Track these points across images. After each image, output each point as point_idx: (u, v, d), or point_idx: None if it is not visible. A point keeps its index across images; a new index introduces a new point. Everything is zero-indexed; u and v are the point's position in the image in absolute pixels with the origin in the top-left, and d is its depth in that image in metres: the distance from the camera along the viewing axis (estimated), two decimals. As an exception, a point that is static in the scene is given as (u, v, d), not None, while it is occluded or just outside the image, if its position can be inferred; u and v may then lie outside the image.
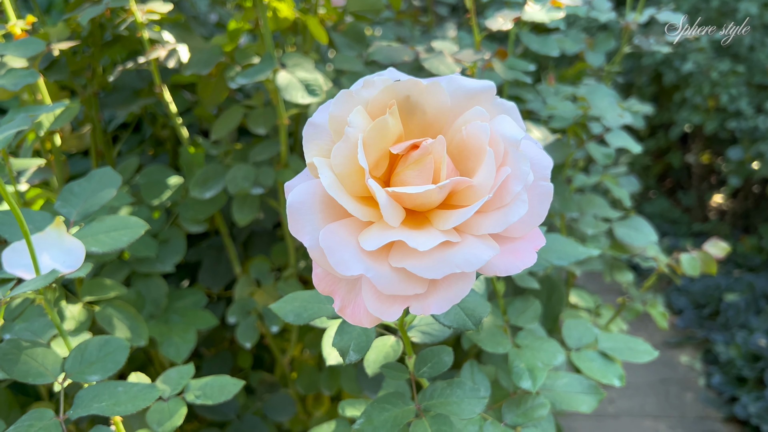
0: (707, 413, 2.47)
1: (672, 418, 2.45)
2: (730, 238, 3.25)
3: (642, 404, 2.53)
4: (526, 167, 0.34)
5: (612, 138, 0.89)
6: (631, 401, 2.54)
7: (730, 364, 2.58)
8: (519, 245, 0.35)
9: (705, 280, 2.99)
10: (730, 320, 2.79)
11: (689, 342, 2.79)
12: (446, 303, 0.34)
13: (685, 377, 2.64)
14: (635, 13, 1.14)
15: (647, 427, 2.43)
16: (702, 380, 2.59)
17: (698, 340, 2.78)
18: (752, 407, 2.36)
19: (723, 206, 3.50)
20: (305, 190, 0.35)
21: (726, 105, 2.84)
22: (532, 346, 0.61)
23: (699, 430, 2.41)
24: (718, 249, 0.89)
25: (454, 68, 0.72)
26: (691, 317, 2.85)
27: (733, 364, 2.57)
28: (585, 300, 1.05)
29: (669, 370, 2.68)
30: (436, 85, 0.36)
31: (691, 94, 2.93)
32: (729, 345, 2.64)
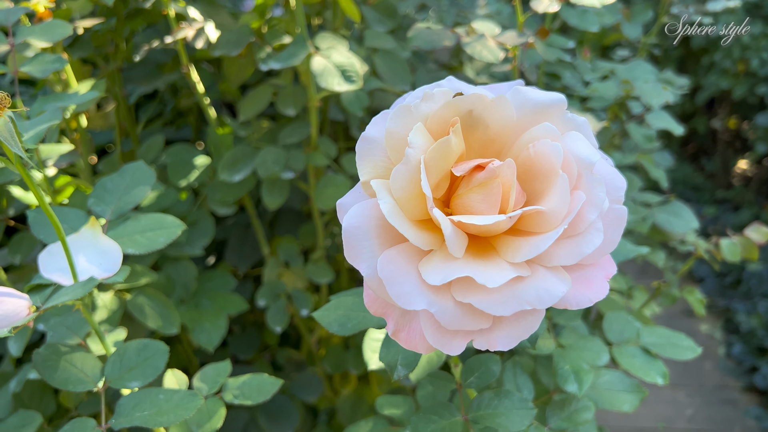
0: (726, 382, 2.47)
1: (691, 386, 2.45)
2: (755, 205, 3.18)
3: (660, 372, 2.53)
4: (602, 192, 0.31)
5: (653, 119, 0.86)
6: (648, 369, 2.54)
7: (751, 333, 2.56)
8: (590, 274, 0.33)
9: (727, 248, 2.95)
10: (752, 289, 2.76)
11: (710, 311, 2.76)
12: (514, 340, 0.32)
13: (705, 346, 2.62)
14: (678, -19, 1.08)
15: (666, 396, 2.44)
16: (722, 349, 2.58)
17: (719, 309, 2.76)
18: (772, 377, 2.35)
19: (747, 173, 3.42)
20: (361, 213, 0.33)
21: (756, 69, 2.74)
22: (576, 345, 0.59)
23: (717, 399, 2.41)
24: (761, 234, 0.86)
25: (498, 53, 0.68)
26: (712, 286, 2.83)
27: (754, 333, 2.55)
28: (617, 282, 1.03)
29: (688, 339, 2.67)
30: (503, 100, 0.33)
31: (720, 57, 2.83)
32: (750, 314, 2.61)
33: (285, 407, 0.99)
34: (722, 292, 2.81)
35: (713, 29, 2.79)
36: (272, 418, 0.97)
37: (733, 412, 2.36)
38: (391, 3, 0.86)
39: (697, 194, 3.35)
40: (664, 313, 2.80)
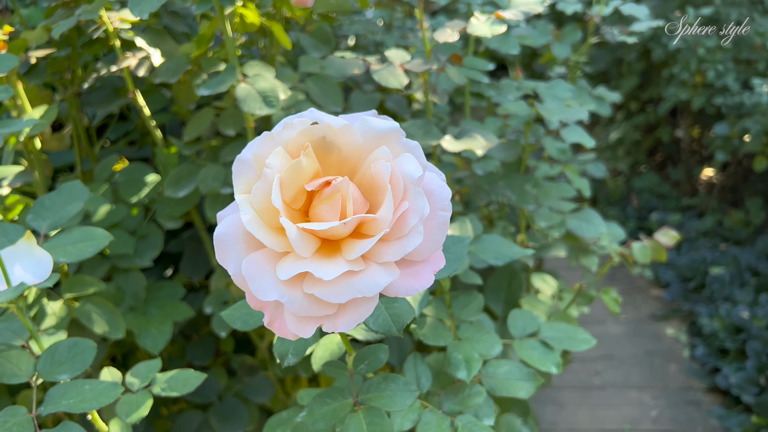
0: (690, 384, 2.55)
1: (656, 389, 2.53)
2: (718, 212, 3.29)
3: (627, 375, 2.61)
4: (423, 202, 0.39)
5: (567, 133, 0.94)
6: (616, 372, 2.62)
7: (713, 336, 2.64)
8: (419, 268, 0.40)
9: (691, 254, 3.04)
10: (715, 293, 2.85)
11: (675, 315, 2.85)
12: (353, 322, 0.39)
13: (670, 349, 2.71)
14: (599, 5, 1.17)
15: (632, 398, 2.51)
16: (686, 352, 2.66)
17: (684, 312, 2.85)
18: (733, 378, 2.43)
19: (712, 180, 3.53)
20: (231, 223, 0.40)
21: (713, 81, 2.85)
22: (472, 338, 0.66)
23: (681, 400, 2.49)
24: (669, 238, 0.94)
25: (402, 79, 0.76)
26: (677, 290, 2.91)
27: (717, 336, 2.63)
28: (549, 284, 1.11)
29: (655, 342, 2.75)
30: (348, 128, 0.41)
31: (679, 70, 2.94)
32: (713, 317, 2.70)
33: (237, 409, 1.06)
34: (686, 296, 2.89)
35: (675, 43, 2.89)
36: (224, 419, 1.03)
37: (697, 412, 2.44)
38: (326, 30, 0.94)
39: (664, 202, 3.45)
40: (632, 319, 2.89)
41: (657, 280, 3.06)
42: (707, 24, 2.95)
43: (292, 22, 1.08)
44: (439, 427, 0.58)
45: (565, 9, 1.18)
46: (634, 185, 3.52)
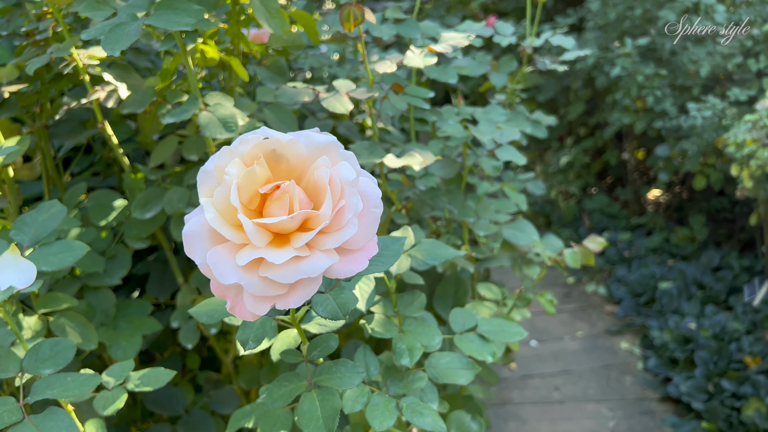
0: (645, 394, 2.66)
1: (613, 401, 2.64)
2: (665, 229, 3.46)
3: (585, 389, 2.71)
4: (357, 200, 0.47)
5: (501, 153, 1.04)
6: (575, 387, 2.72)
7: (664, 347, 2.77)
8: (356, 255, 0.49)
9: (641, 270, 3.19)
10: (664, 307, 2.98)
11: (628, 329, 2.98)
12: (301, 299, 0.47)
13: (625, 362, 2.83)
14: (530, 38, 1.29)
15: (590, 411, 2.61)
16: (640, 364, 2.78)
17: (636, 326, 2.98)
18: (683, 386, 2.55)
19: (658, 200, 3.72)
20: (197, 222, 0.48)
21: (652, 106, 3.04)
22: (415, 331, 0.75)
23: (637, 411, 2.60)
24: (596, 244, 1.05)
25: (348, 105, 0.85)
26: (629, 305, 3.04)
27: (667, 347, 2.76)
28: (493, 292, 1.20)
29: (610, 356, 2.87)
30: (293, 141, 0.49)
31: (621, 96, 3.13)
32: (663, 330, 2.83)
33: (204, 420, 1.11)
34: (638, 310, 3.02)
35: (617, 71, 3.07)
36: (191, 430, 1.09)
37: (652, 421, 2.55)
38: (281, 64, 1.03)
39: (614, 222, 3.62)
40: (588, 334, 3.01)
41: (610, 296, 3.19)
42: (644, 54, 3.16)
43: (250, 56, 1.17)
44: (386, 408, 0.66)
45: (501, 42, 1.30)
46: (585, 206, 3.68)
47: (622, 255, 3.36)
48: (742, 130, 2.47)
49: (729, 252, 3.23)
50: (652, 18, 3.10)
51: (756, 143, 2.45)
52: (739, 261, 3.15)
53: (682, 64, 3.05)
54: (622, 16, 3.19)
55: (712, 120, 2.77)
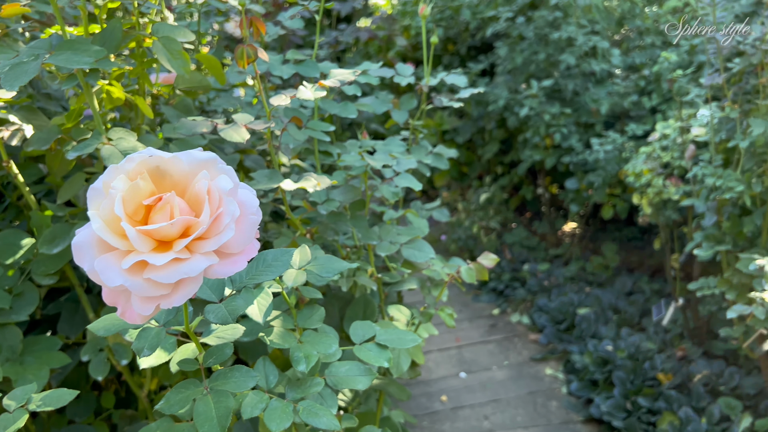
0: (570, 417, 2.76)
1: (540, 426, 2.72)
2: (581, 259, 3.65)
3: (513, 417, 2.78)
4: (234, 207, 0.53)
5: (399, 180, 1.13)
6: (503, 415, 2.79)
7: (584, 370, 2.89)
8: (236, 258, 0.54)
9: (561, 298, 3.34)
10: (583, 332, 3.12)
11: (551, 355, 3.09)
12: (184, 298, 0.52)
13: (550, 387, 2.93)
14: (427, 78, 1.41)
15: (519, 438, 2.68)
16: (564, 388, 2.89)
17: (559, 352, 3.10)
18: (603, 406, 2.66)
19: (574, 231, 3.93)
20: (86, 233, 0.53)
21: (560, 142, 3.25)
22: (313, 340, 0.80)
23: (563, 433, 2.69)
24: (489, 260, 1.14)
25: (245, 135, 0.92)
26: (551, 333, 3.17)
27: (587, 369, 2.88)
28: (403, 313, 1.26)
29: (536, 383, 2.96)
30: (175, 158, 0.55)
31: (531, 134, 3.33)
32: (583, 353, 2.96)
33: (118, 457, 1.11)
34: (560, 337, 3.15)
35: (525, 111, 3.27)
36: (105, 467, 1.08)
37: (577, 443, 2.65)
38: (188, 103, 1.09)
39: (533, 253, 3.79)
40: (514, 363, 3.10)
41: (533, 325, 3.32)
42: (549, 95, 3.39)
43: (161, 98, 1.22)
44: (283, 411, 0.70)
45: (401, 81, 1.41)
46: (506, 240, 3.85)
47: (543, 285, 3.51)
48: (639, 161, 2.68)
49: (640, 277, 3.44)
50: (555, 62, 3.34)
51: (652, 173, 2.66)
52: (649, 285, 3.35)
53: (585, 103, 3.29)
54: (528, 60, 3.42)
55: (614, 153, 2.99)
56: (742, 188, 2.00)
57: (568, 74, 3.32)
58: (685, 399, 2.56)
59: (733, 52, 2.21)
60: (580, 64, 3.25)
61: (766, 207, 2.06)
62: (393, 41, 3.50)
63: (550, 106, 3.27)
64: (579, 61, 3.25)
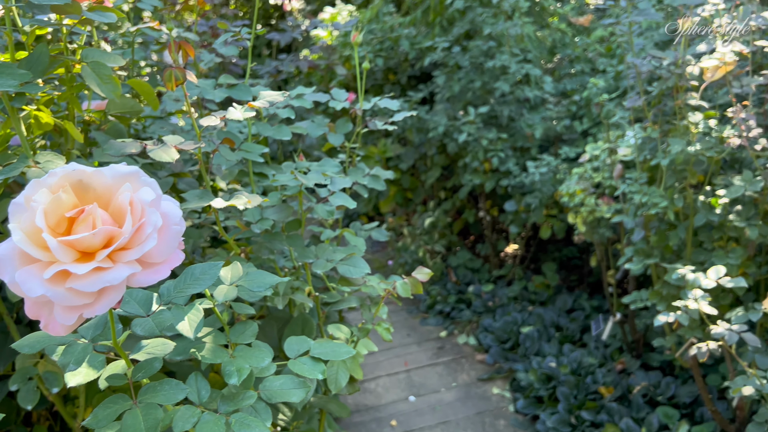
0: (517, 435, 2.80)
1: (489, 445, 2.76)
2: (523, 279, 3.74)
3: (462, 437, 2.81)
4: (156, 217, 0.55)
5: (334, 199, 1.16)
6: (453, 436, 2.81)
7: (530, 387, 2.95)
8: (160, 267, 0.56)
9: (505, 318, 3.41)
10: (527, 350, 3.19)
11: (498, 375, 3.14)
12: (106, 307, 0.53)
13: (498, 406, 2.97)
14: (361, 102, 1.45)
15: (469, 459, 2.70)
16: (511, 407, 2.94)
17: (505, 371, 3.15)
18: (549, 422, 2.72)
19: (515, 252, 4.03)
20: (7, 246, 0.54)
21: (498, 166, 3.36)
22: (245, 355, 0.81)
23: (511, 451, 2.73)
24: (423, 274, 1.17)
25: (174, 155, 0.93)
26: (497, 352, 3.22)
27: (533, 387, 2.94)
28: (343, 332, 1.28)
29: (484, 403, 3.00)
30: (98, 172, 0.57)
31: (470, 159, 3.43)
32: (528, 371, 3.02)
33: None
34: (505, 356, 3.21)
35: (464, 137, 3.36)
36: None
37: (525, 460, 2.69)
38: (120, 128, 1.10)
39: (477, 275, 3.86)
40: (463, 384, 3.14)
41: (480, 345, 3.37)
42: (486, 121, 3.51)
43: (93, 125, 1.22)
44: (215, 424, 0.71)
45: (336, 106, 1.45)
46: (451, 263, 3.91)
47: (487, 305, 3.58)
48: (572, 182, 2.80)
49: (580, 294, 3.55)
50: (490, 89, 3.47)
51: (584, 192, 2.78)
52: (589, 302, 3.47)
53: (520, 128, 3.41)
54: (465, 88, 3.54)
55: (549, 175, 3.11)
56: (666, 204, 2.12)
57: (504, 101, 3.45)
58: (626, 410, 2.64)
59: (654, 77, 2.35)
60: (515, 91, 3.38)
61: (689, 221, 2.18)
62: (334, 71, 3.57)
63: (487, 132, 3.38)
64: (513, 88, 3.38)
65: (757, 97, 2.15)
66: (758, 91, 2.14)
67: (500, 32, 3.40)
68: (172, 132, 1.37)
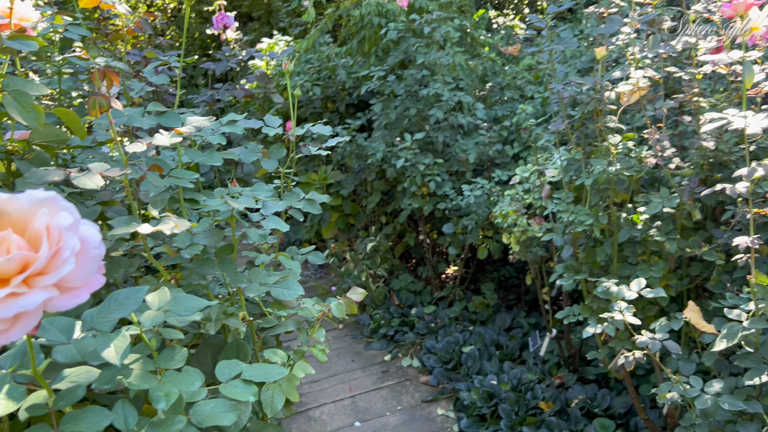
0: (462, 454, 2.82)
1: (435, 466, 2.77)
2: (464, 299, 3.80)
3: (409, 459, 2.81)
4: (74, 241, 0.56)
5: (267, 223, 1.17)
6: (400, 459, 2.81)
7: (473, 406, 2.98)
8: (78, 291, 0.56)
9: (447, 338, 3.45)
10: (470, 369, 3.24)
11: (442, 396, 3.17)
12: (22, 332, 0.53)
13: (442, 427, 2.99)
14: (293, 127, 1.48)
15: (415, 480, 2.70)
16: (455, 426, 2.96)
17: (448, 392, 3.18)
18: (492, 438, 2.75)
19: (456, 274, 4.10)
20: None
21: (435, 190, 3.43)
22: (174, 380, 0.81)
23: (457, 471, 2.75)
24: (357, 295, 1.20)
25: (100, 182, 0.93)
26: (440, 373, 3.25)
27: (475, 405, 2.98)
28: (279, 356, 1.28)
29: (429, 425, 3.02)
30: (13, 198, 0.57)
31: (408, 184, 3.49)
32: (470, 390, 3.05)
33: None
34: (448, 376, 3.24)
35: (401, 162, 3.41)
36: None
37: (470, 479, 2.71)
38: (45, 157, 1.08)
39: (420, 297, 3.91)
40: (407, 406, 3.14)
41: (423, 367, 3.39)
42: (423, 147, 3.59)
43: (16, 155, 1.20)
44: (141, 450, 0.71)
45: (269, 132, 1.47)
46: (393, 286, 3.95)
47: (430, 327, 3.62)
48: (505, 204, 2.88)
49: (518, 313, 3.63)
50: (425, 116, 3.56)
51: (517, 213, 2.87)
52: (527, 320, 3.56)
53: (455, 153, 3.51)
54: (401, 115, 3.62)
55: (483, 198, 3.20)
56: (592, 222, 2.22)
57: (439, 127, 3.54)
58: (565, 424, 2.71)
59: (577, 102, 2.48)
60: (449, 117, 3.48)
61: (614, 237, 2.29)
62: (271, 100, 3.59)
63: (423, 157, 3.46)
64: (447, 115, 3.49)
65: (673, 119, 2.29)
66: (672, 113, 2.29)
67: (433, 61, 3.51)
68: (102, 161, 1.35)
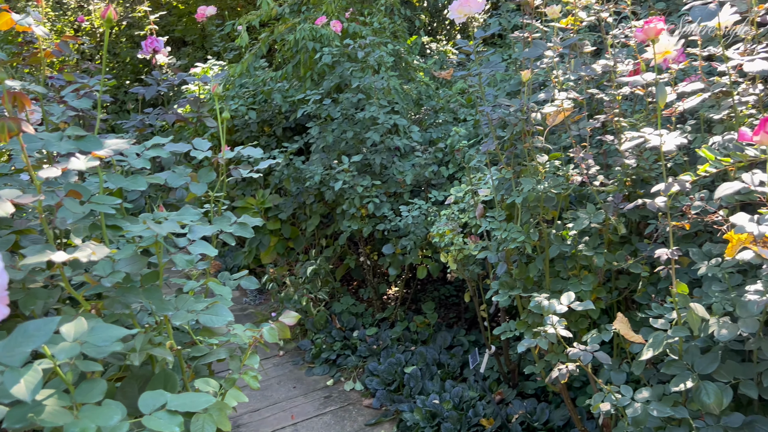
0: (405, 476, 2.80)
1: (379, 487, 2.74)
2: (405, 320, 3.82)
3: (354, 484, 2.77)
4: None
5: (194, 248, 1.15)
6: (344, 484, 2.77)
7: (416, 427, 2.98)
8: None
9: (389, 359, 3.44)
10: (412, 389, 3.24)
11: (385, 418, 3.15)
12: None
13: (385, 450, 2.97)
14: (223, 151, 1.46)
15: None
16: (399, 449, 2.94)
17: (392, 414, 3.16)
18: (436, 460, 2.75)
19: (397, 294, 4.11)
20: None
21: (373, 212, 3.45)
22: (92, 414, 0.78)
23: (399, 493, 2.73)
24: (290, 318, 1.18)
25: (10, 209, 0.89)
26: (383, 395, 3.24)
27: (418, 426, 2.97)
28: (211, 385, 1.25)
29: (374, 448, 2.99)
30: None
31: (347, 206, 3.50)
32: (413, 411, 3.05)
33: None
34: (391, 398, 3.23)
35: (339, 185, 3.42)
36: None
37: (417, 499, 2.69)
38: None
39: (361, 320, 3.90)
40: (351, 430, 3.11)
41: (366, 390, 3.37)
42: (360, 169, 3.61)
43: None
44: (55, 489, 0.67)
45: (197, 155, 1.45)
46: (335, 310, 3.92)
47: (372, 349, 3.61)
48: (441, 223, 2.93)
49: (459, 331, 3.67)
50: (362, 139, 3.59)
51: (453, 232, 2.91)
52: (467, 337, 3.60)
53: (393, 174, 3.55)
54: (339, 138, 3.64)
55: (421, 218, 3.24)
56: (524, 238, 2.28)
57: (375, 150, 3.58)
58: (506, 440, 2.75)
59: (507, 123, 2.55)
60: (385, 140, 3.52)
61: (545, 253, 2.36)
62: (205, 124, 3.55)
63: (362, 179, 3.48)
64: (384, 137, 3.53)
65: (597, 139, 2.39)
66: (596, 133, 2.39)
67: (368, 85, 3.55)
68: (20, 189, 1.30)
